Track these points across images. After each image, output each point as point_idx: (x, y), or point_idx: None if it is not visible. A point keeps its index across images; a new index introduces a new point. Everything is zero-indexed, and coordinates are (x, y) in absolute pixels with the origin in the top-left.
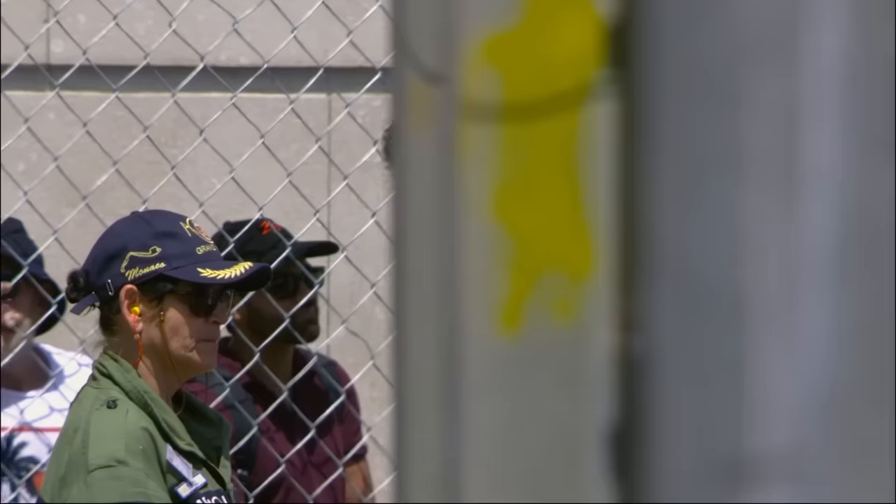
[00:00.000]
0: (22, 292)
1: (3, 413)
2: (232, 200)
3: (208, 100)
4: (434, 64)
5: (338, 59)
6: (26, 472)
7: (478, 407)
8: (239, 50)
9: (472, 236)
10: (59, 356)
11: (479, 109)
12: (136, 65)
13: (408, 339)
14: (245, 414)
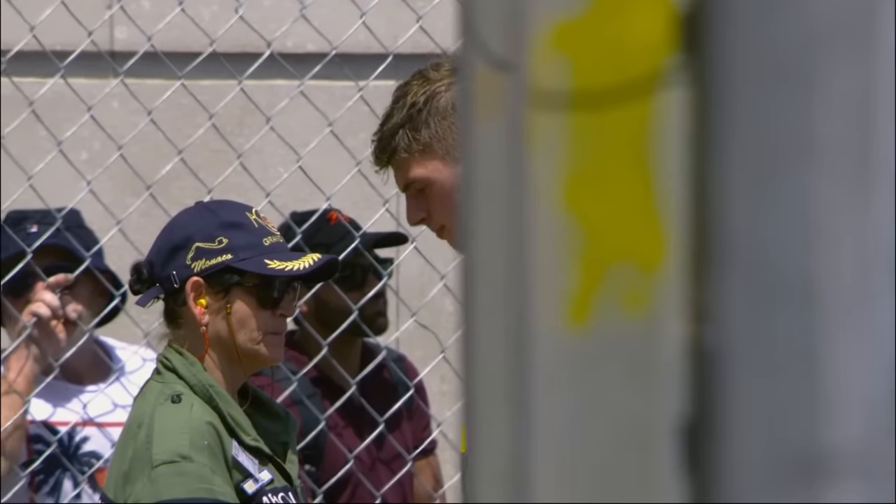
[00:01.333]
0: (80, 284)
1: (65, 407)
2: (299, 190)
3: (275, 87)
4: (503, 51)
5: (407, 45)
6: (88, 468)
7: (546, 401)
8: (306, 36)
9: (541, 227)
10: (122, 350)
11: (549, 97)
12: (202, 51)
13: (476, 333)
14: (313, 409)
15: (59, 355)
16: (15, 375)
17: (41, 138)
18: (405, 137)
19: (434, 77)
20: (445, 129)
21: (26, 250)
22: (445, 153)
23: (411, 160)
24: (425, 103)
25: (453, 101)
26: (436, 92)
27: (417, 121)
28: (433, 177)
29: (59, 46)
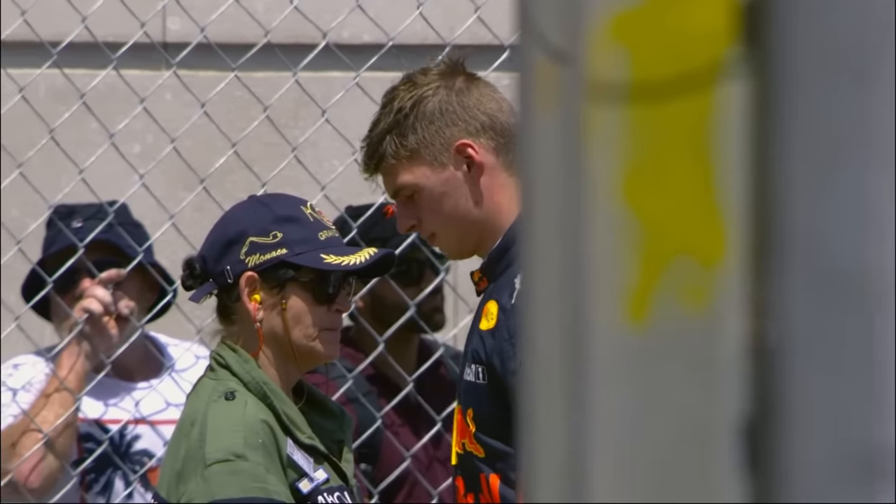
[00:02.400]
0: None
1: (116, 405)
2: (354, 183)
3: (330, 79)
4: (560, 42)
5: (464, 36)
6: (140, 466)
7: (604, 398)
8: (362, 27)
9: (599, 221)
10: (174, 347)
11: (607, 89)
12: (256, 43)
13: (533, 329)
14: (369, 406)
15: (111, 352)
16: (66, 372)
17: (93, 131)
18: (392, 143)
19: (421, 82)
20: (433, 133)
21: (78, 245)
22: (433, 159)
23: (399, 166)
24: (412, 108)
25: (440, 105)
26: (423, 97)
27: (404, 126)
28: (421, 183)
29: (112, 38)
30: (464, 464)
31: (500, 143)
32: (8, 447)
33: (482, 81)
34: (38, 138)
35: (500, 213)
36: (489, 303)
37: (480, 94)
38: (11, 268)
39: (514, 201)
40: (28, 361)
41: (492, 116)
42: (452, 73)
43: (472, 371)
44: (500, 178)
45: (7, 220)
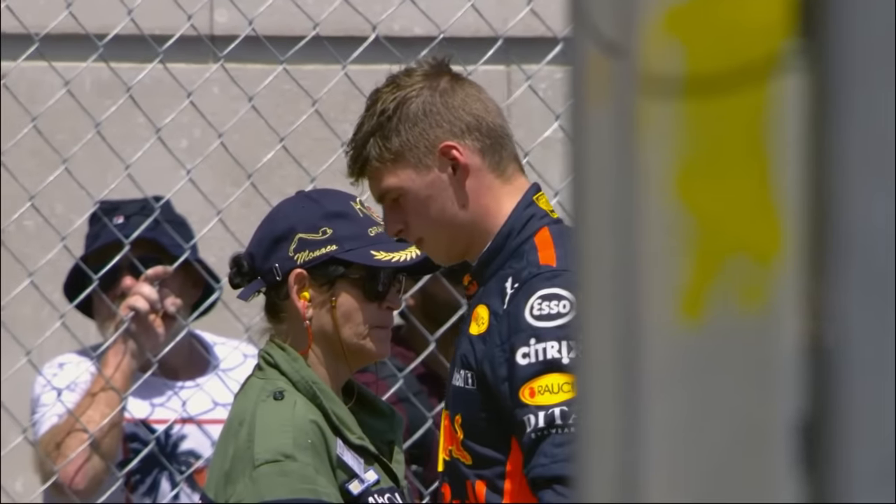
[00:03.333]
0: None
1: (161, 405)
2: None
3: (380, 72)
4: (613, 35)
5: (517, 28)
6: (186, 467)
7: (658, 400)
8: (413, 19)
9: (652, 218)
10: (221, 346)
11: (660, 83)
12: (305, 35)
13: (585, 327)
14: (419, 406)
15: (157, 350)
16: (112, 371)
17: (139, 126)
18: (376, 146)
19: (404, 83)
20: (417, 135)
21: (123, 241)
22: (418, 161)
23: (383, 169)
24: (395, 110)
25: (424, 106)
26: (406, 98)
27: (387, 128)
28: (406, 186)
29: (158, 30)
30: (450, 470)
31: (487, 144)
32: (53, 448)
33: (468, 82)
34: (83, 133)
35: (488, 216)
36: (479, 307)
37: (466, 94)
38: (57, 265)
39: (501, 203)
40: (72, 361)
41: (477, 117)
42: (437, 73)
43: (461, 376)
44: (487, 179)
45: (52, 217)
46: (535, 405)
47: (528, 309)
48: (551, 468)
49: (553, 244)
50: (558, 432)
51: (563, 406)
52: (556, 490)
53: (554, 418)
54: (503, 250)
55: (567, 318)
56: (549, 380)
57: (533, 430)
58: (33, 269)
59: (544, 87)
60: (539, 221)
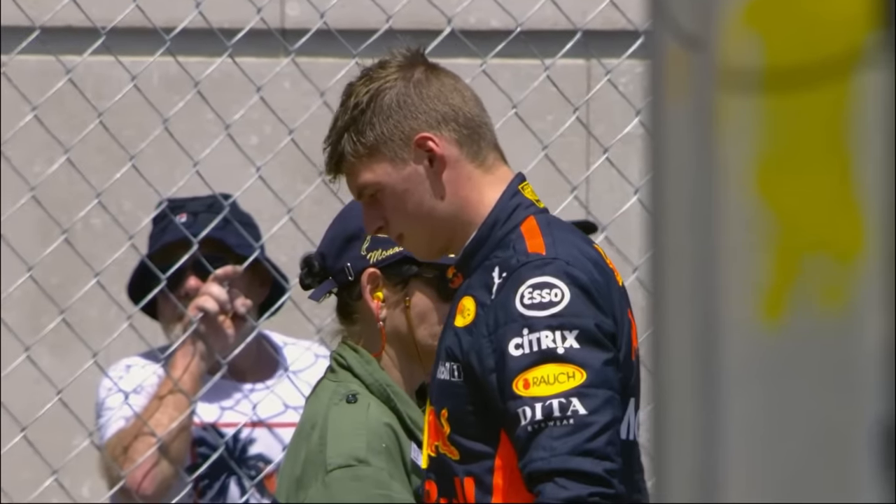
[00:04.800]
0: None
1: (229, 407)
2: None
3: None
4: (692, 28)
5: (597, 21)
6: (255, 471)
7: (737, 399)
8: (489, 11)
9: (731, 214)
10: (292, 346)
11: (740, 77)
12: (378, 28)
13: (664, 328)
14: None
15: (227, 352)
16: (180, 373)
17: (207, 121)
18: (350, 141)
19: (378, 75)
20: (391, 128)
21: (192, 240)
22: (394, 154)
23: (359, 165)
24: (368, 103)
25: (398, 98)
26: (380, 90)
27: (361, 122)
28: (383, 181)
29: (227, 24)
30: (437, 467)
31: (464, 134)
32: (120, 452)
33: (444, 72)
34: (151, 129)
35: (469, 207)
36: (464, 299)
37: (441, 84)
38: (124, 264)
39: (483, 193)
40: (138, 363)
41: (454, 107)
42: (411, 64)
43: (446, 369)
44: (466, 170)
45: (119, 215)
46: (530, 397)
47: (519, 298)
48: (551, 462)
49: (541, 232)
50: (556, 424)
51: (560, 398)
52: (558, 483)
53: (552, 410)
54: (488, 240)
55: (560, 307)
56: (544, 370)
57: (529, 422)
58: (100, 268)
59: (625, 81)
60: (525, 211)
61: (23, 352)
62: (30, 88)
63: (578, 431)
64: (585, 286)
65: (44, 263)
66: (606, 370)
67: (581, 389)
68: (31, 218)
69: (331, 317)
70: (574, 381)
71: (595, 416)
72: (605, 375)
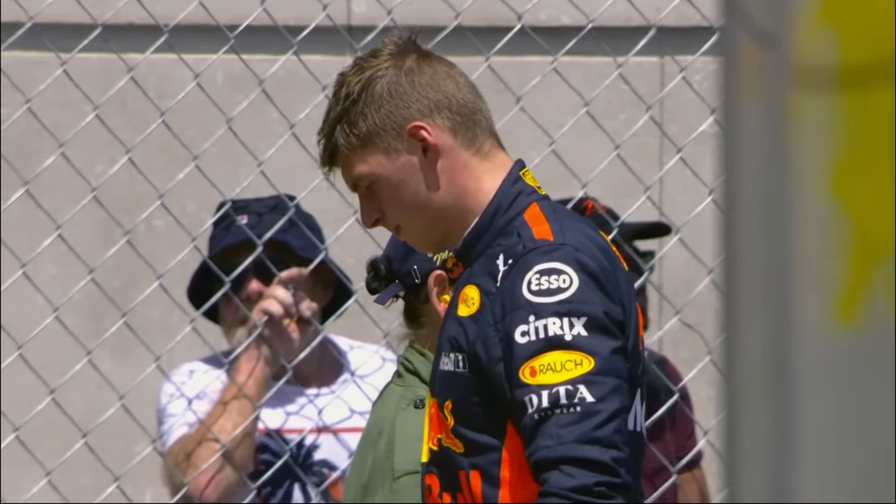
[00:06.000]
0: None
1: (293, 413)
2: (552, 176)
3: (526, 64)
4: (766, 24)
5: (671, 17)
6: (319, 477)
7: (810, 404)
8: (560, 8)
9: (805, 216)
10: (358, 350)
11: (813, 75)
12: (446, 25)
13: (736, 331)
14: None
15: (292, 356)
16: (245, 378)
17: (272, 121)
18: (343, 133)
19: (369, 65)
20: (383, 118)
21: (256, 242)
22: (387, 145)
23: (353, 156)
24: (360, 94)
25: (389, 87)
26: (371, 79)
27: (353, 113)
28: (377, 172)
29: (292, 21)
30: (439, 461)
31: (458, 121)
32: (183, 458)
33: (437, 59)
34: (214, 128)
35: (467, 196)
36: (467, 287)
37: (434, 71)
38: (188, 266)
39: (481, 181)
40: (200, 368)
41: (447, 94)
42: (403, 52)
43: (450, 360)
44: (462, 158)
45: (182, 216)
46: (536, 385)
47: (525, 285)
48: (557, 450)
49: (546, 219)
50: (563, 412)
51: (567, 385)
52: (564, 471)
53: (558, 398)
54: (490, 228)
55: (568, 294)
56: (551, 358)
57: (536, 410)
58: (163, 270)
59: (699, 79)
60: (527, 198)
61: (84, 356)
62: (91, 87)
63: (586, 419)
64: (594, 273)
65: (105, 266)
66: (614, 358)
67: (589, 377)
68: (93, 219)
69: (398, 320)
70: (581, 369)
71: (603, 405)
72: (613, 363)
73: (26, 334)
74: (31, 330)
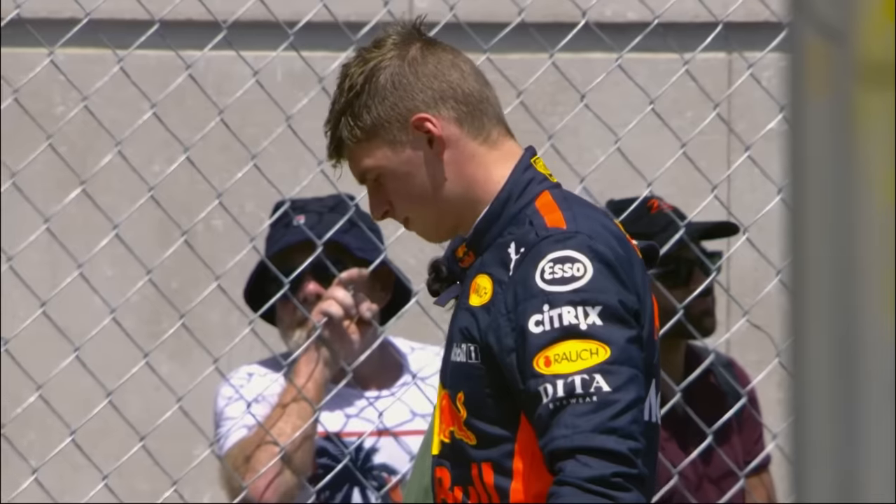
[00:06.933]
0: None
1: (352, 416)
2: (617, 175)
3: (591, 60)
4: (833, 20)
5: (739, 12)
6: (379, 481)
7: (878, 407)
8: (626, 3)
9: (872, 218)
10: (419, 352)
11: (882, 72)
12: (510, 22)
13: (803, 334)
14: None
15: (352, 359)
16: (304, 381)
17: None
18: (347, 126)
19: (372, 55)
20: (388, 110)
21: (316, 242)
22: (392, 137)
23: (358, 149)
24: (363, 85)
25: (393, 78)
26: (375, 70)
27: (357, 105)
28: (383, 165)
29: (354, 17)
30: (451, 453)
31: (464, 111)
32: (241, 462)
33: (442, 47)
34: (274, 126)
35: (476, 186)
36: (478, 277)
37: (438, 61)
38: (247, 267)
39: (490, 170)
40: (258, 371)
41: (452, 84)
42: (407, 41)
43: (462, 351)
44: (469, 148)
45: (241, 216)
46: (551, 374)
47: (539, 273)
48: (574, 439)
49: (558, 207)
50: (579, 402)
51: (583, 374)
52: (580, 461)
53: (574, 387)
54: (501, 216)
55: (582, 282)
56: (566, 347)
57: (551, 400)
58: (221, 271)
59: (768, 75)
60: (539, 185)
61: (141, 358)
62: (149, 85)
63: (602, 409)
64: (609, 261)
65: (163, 266)
66: (630, 348)
67: (604, 366)
68: (151, 219)
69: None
70: (597, 358)
71: (619, 394)
72: (629, 353)
73: (83, 336)
74: (87, 332)
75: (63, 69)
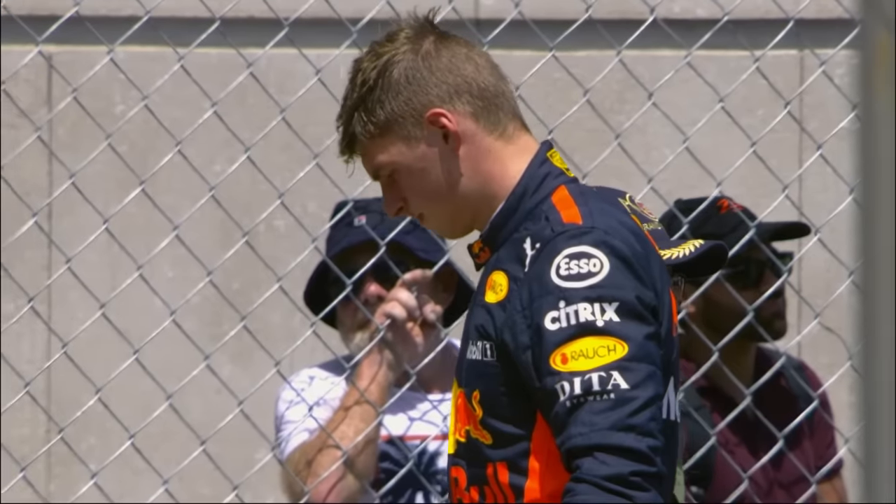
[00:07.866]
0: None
1: (414, 418)
2: (686, 174)
3: (659, 58)
4: None
5: (811, 9)
6: (442, 486)
7: None
8: (695, 0)
9: None
10: None
11: None
12: (576, 18)
13: (874, 337)
14: (701, 422)
15: (415, 361)
16: (367, 383)
17: None
18: (360, 121)
19: (385, 50)
20: (402, 105)
21: (379, 243)
22: (406, 133)
23: (372, 145)
24: (376, 80)
25: (406, 72)
26: (388, 65)
27: (370, 101)
28: (398, 160)
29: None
30: (467, 453)
31: (479, 106)
32: (303, 466)
33: (456, 40)
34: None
35: (492, 181)
36: (494, 273)
37: (452, 54)
38: (309, 268)
39: (507, 165)
40: (320, 375)
41: (467, 78)
42: (420, 35)
43: (477, 349)
44: (485, 143)
45: (304, 216)
46: (568, 372)
47: (554, 269)
48: (591, 437)
49: (575, 202)
50: (596, 399)
51: (600, 371)
52: (598, 458)
53: (591, 385)
54: (517, 211)
55: (598, 278)
56: (583, 344)
57: (568, 398)
58: (283, 272)
59: (840, 73)
60: (555, 180)
61: (202, 360)
62: (210, 83)
63: (620, 406)
64: (626, 257)
65: (224, 267)
66: (648, 344)
67: (622, 363)
68: (212, 220)
69: None
70: (615, 355)
71: (637, 391)
72: (647, 350)
73: (143, 338)
74: (147, 333)
75: (123, 67)
